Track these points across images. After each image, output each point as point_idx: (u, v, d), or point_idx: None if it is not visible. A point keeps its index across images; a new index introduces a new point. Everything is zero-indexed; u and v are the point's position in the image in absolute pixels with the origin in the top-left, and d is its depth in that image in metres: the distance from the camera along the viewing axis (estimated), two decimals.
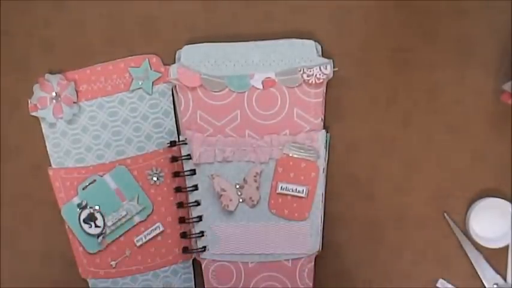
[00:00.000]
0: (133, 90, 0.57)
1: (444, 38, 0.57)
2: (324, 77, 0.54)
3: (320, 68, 0.55)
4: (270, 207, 0.56)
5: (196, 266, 0.58)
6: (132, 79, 0.57)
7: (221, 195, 0.55)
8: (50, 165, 0.58)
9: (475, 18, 0.56)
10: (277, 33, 0.56)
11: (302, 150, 0.55)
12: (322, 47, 0.56)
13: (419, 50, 0.57)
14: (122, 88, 0.58)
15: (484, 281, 0.57)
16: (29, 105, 0.58)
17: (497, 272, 0.57)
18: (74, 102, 0.57)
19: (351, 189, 0.58)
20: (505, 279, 0.57)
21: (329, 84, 0.56)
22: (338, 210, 0.58)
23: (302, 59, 0.55)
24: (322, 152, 0.56)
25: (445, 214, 0.57)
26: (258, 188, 0.56)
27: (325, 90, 0.56)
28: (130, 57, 0.58)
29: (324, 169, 0.56)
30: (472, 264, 0.57)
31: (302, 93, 0.55)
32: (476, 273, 0.57)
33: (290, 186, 0.55)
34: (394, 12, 0.57)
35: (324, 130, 0.56)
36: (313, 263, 0.57)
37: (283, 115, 0.56)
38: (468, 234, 0.57)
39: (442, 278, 0.57)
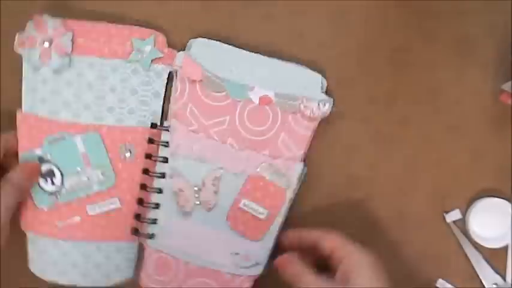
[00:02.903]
0: (129, 61, 0.55)
1: (444, 38, 0.57)
2: (320, 114, 0.54)
3: (319, 104, 0.54)
4: (227, 218, 0.55)
5: (141, 250, 0.57)
6: (132, 50, 0.55)
7: (179, 195, 0.55)
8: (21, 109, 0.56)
9: (475, 18, 0.56)
10: (277, 34, 0.56)
11: (275, 175, 0.55)
12: (326, 83, 0.55)
13: (419, 50, 0.57)
14: (119, 55, 0.55)
15: (483, 281, 0.57)
16: (16, 40, 0.55)
17: (497, 272, 0.57)
18: (66, 53, 0.55)
19: (351, 189, 0.58)
20: (504, 279, 0.57)
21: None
22: (338, 210, 0.58)
23: (305, 89, 0.54)
24: (294, 183, 0.55)
25: (445, 214, 0.57)
26: (215, 192, 0.55)
27: (316, 127, 0.55)
28: (137, 27, 0.56)
29: (290, 199, 0.55)
30: (471, 264, 0.57)
31: (294, 121, 0.55)
32: (476, 273, 0.57)
33: (253, 205, 0.55)
34: (394, 12, 0.57)
35: (302, 163, 0.55)
36: (252, 283, 0.56)
37: (269, 135, 0.55)
38: (468, 234, 0.57)
39: (442, 278, 0.58)
